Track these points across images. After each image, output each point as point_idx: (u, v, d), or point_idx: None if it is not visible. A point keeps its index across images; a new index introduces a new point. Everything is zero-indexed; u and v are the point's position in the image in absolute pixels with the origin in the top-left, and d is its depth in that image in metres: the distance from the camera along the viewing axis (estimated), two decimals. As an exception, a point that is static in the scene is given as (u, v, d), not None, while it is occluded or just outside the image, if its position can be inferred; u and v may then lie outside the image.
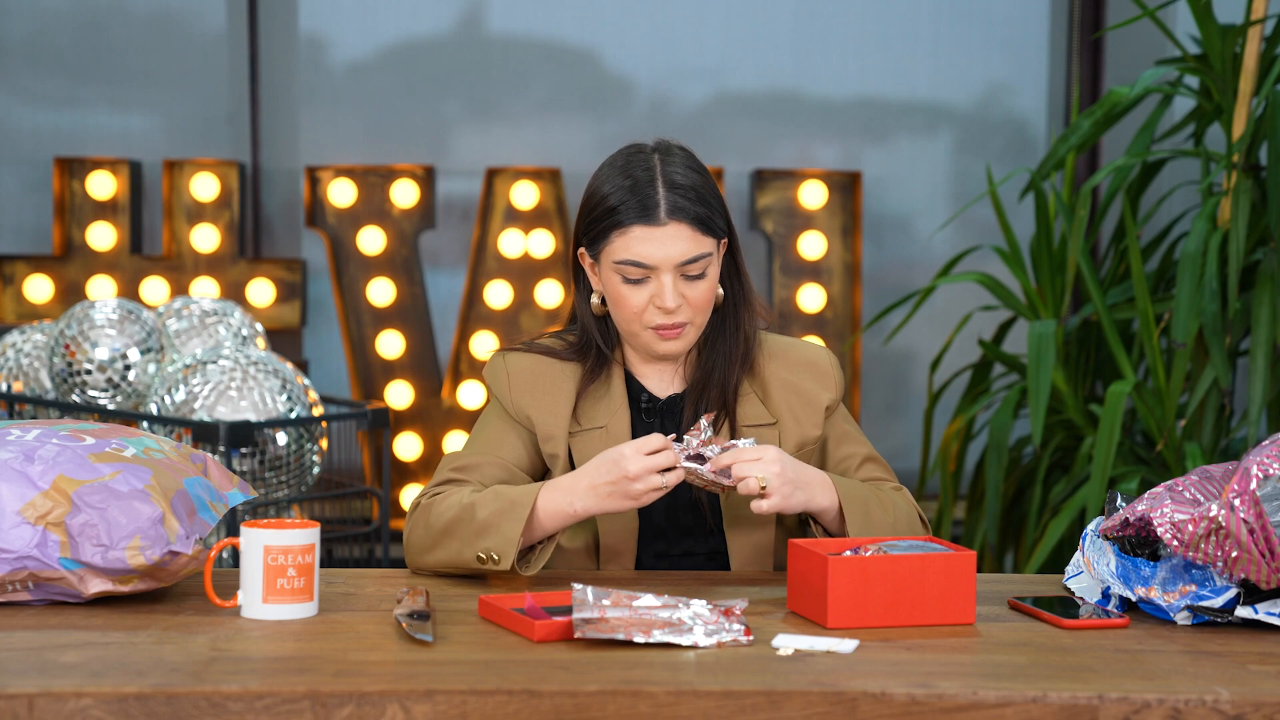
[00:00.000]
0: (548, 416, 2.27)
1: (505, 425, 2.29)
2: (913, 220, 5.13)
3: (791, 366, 2.32)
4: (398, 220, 4.92)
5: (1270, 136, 3.54)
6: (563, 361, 2.30)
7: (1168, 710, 1.64)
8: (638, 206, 2.19)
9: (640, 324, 2.22)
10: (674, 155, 2.24)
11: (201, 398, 3.36)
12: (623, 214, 2.20)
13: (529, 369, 2.30)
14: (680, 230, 2.19)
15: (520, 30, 5.06)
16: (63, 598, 1.98)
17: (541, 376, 2.29)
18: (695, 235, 2.19)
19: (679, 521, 2.27)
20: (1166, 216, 4.43)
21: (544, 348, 2.32)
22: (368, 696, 1.62)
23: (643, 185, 2.20)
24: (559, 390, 2.28)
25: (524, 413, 2.28)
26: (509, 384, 2.29)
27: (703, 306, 2.23)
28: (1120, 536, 2.02)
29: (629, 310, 2.22)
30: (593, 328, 2.30)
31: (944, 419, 4.72)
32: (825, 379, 2.33)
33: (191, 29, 5.03)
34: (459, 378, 4.89)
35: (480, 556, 2.10)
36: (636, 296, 2.21)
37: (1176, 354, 3.55)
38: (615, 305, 2.24)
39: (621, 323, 2.25)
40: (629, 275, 2.20)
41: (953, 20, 5.09)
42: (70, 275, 4.82)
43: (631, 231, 2.19)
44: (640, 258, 2.19)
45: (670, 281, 2.19)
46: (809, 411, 2.30)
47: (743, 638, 1.81)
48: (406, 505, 4.91)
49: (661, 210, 2.18)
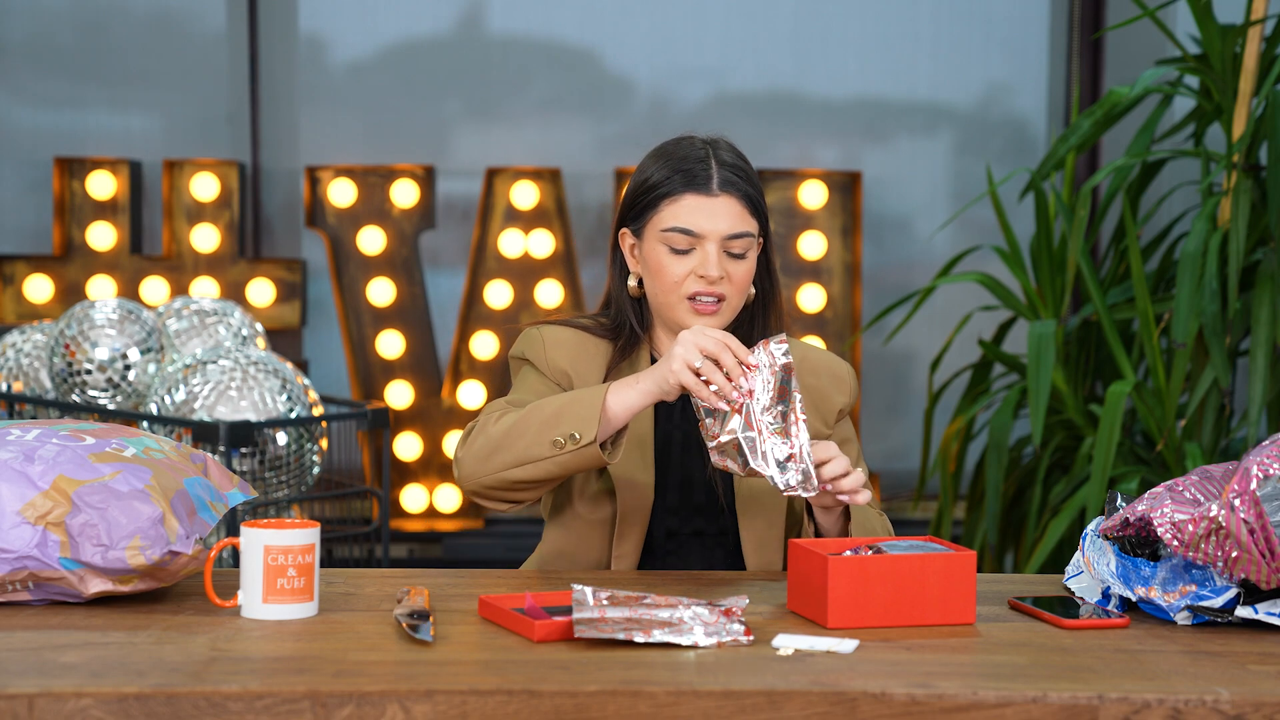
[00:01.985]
0: (582, 382, 2.28)
1: (544, 383, 2.30)
2: (913, 220, 5.13)
3: (810, 369, 2.35)
4: (398, 220, 4.92)
5: (1270, 136, 3.54)
6: (595, 338, 2.32)
7: (1168, 710, 1.64)
8: (691, 177, 2.24)
9: (678, 294, 2.24)
10: (723, 145, 2.30)
11: (201, 398, 3.36)
12: (675, 183, 2.24)
13: (565, 340, 2.32)
14: (731, 204, 2.23)
15: (520, 30, 5.06)
16: (63, 598, 1.98)
17: (576, 348, 2.31)
18: (744, 213, 2.24)
19: (692, 499, 2.29)
20: (1166, 216, 4.43)
21: (578, 324, 2.35)
22: (368, 696, 1.62)
23: (694, 160, 2.25)
24: (592, 362, 2.30)
25: (561, 369, 2.29)
26: (545, 350, 2.31)
27: (741, 287, 2.25)
28: (1120, 536, 2.02)
29: (669, 280, 2.24)
30: (628, 308, 2.32)
31: (944, 419, 4.72)
32: (842, 385, 2.37)
33: (191, 29, 5.03)
34: (459, 378, 4.89)
35: (558, 440, 2.08)
36: (679, 266, 2.23)
37: (1176, 354, 3.55)
38: (656, 275, 2.25)
39: (659, 294, 2.26)
40: (676, 245, 2.23)
41: (953, 20, 5.09)
42: (70, 275, 4.82)
43: (683, 200, 2.23)
44: (689, 225, 2.22)
45: (715, 251, 2.22)
46: (821, 412, 2.33)
47: (743, 638, 1.81)
48: (406, 505, 4.91)
49: (714, 182, 2.23)
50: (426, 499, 4.93)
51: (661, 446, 2.29)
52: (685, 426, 2.30)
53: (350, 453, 3.70)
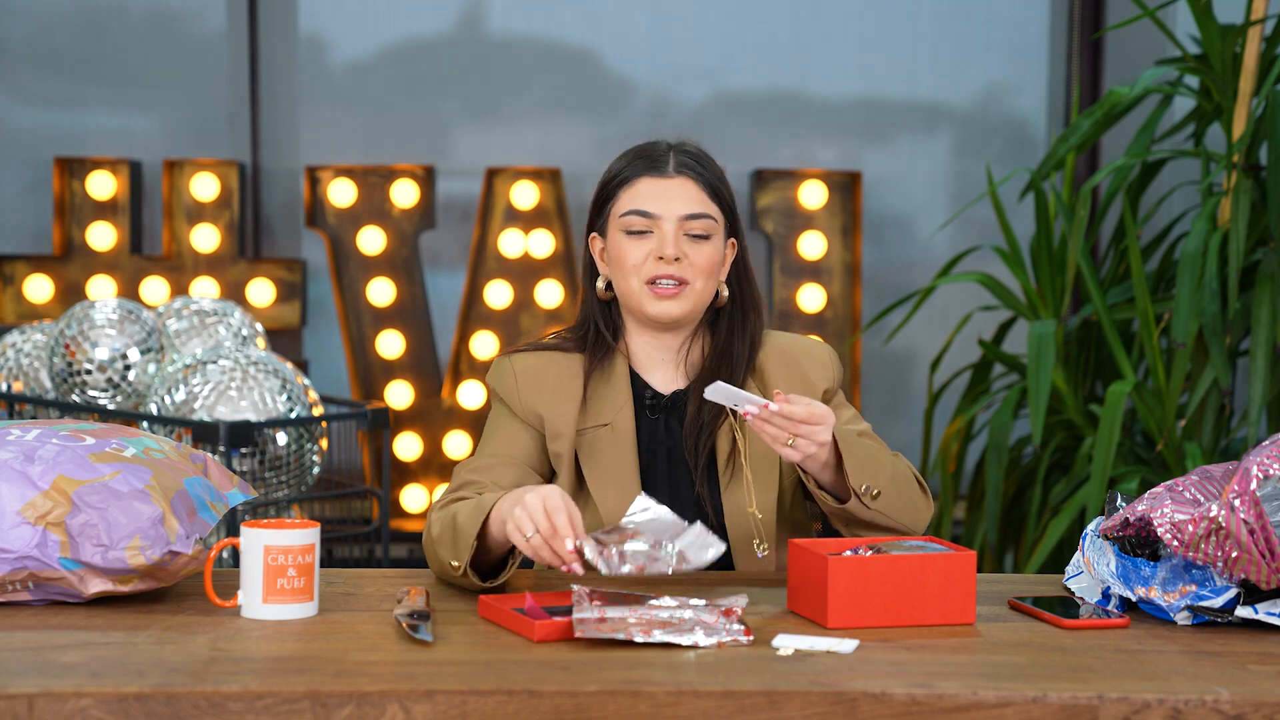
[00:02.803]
0: (557, 414, 2.27)
1: (514, 426, 2.28)
2: (913, 220, 5.13)
3: (790, 359, 2.33)
4: (398, 220, 4.92)
5: (1270, 136, 3.54)
6: (567, 355, 2.31)
7: (1168, 710, 1.64)
8: (647, 162, 2.26)
9: (639, 279, 2.24)
10: (687, 142, 2.32)
11: (201, 398, 3.36)
12: (630, 171, 2.27)
13: (536, 368, 2.30)
14: (687, 186, 2.24)
15: (520, 30, 5.06)
16: (63, 598, 1.98)
17: (548, 374, 2.30)
18: (701, 195, 2.24)
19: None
20: (1166, 216, 4.43)
21: (548, 345, 2.33)
22: (368, 696, 1.62)
23: (652, 149, 2.28)
24: (566, 387, 2.28)
25: (533, 410, 2.28)
26: (516, 385, 2.29)
27: (704, 270, 2.24)
28: (1120, 536, 2.02)
29: (630, 264, 2.24)
30: (598, 313, 2.32)
31: (944, 419, 4.71)
32: (823, 369, 2.34)
33: (191, 29, 5.03)
34: (459, 378, 4.89)
35: (453, 564, 2.05)
36: (638, 250, 2.24)
37: (1176, 354, 3.55)
38: (617, 265, 2.26)
39: (622, 281, 2.26)
40: (633, 227, 2.24)
41: (953, 20, 5.09)
42: (70, 275, 4.82)
43: (638, 184, 2.25)
44: (645, 206, 2.23)
45: (672, 231, 2.22)
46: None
47: (742, 638, 1.81)
48: (406, 505, 4.92)
49: (670, 165, 2.26)
50: (426, 499, 4.93)
51: (646, 467, 2.28)
52: (669, 443, 2.28)
53: (350, 453, 3.70)
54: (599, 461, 2.24)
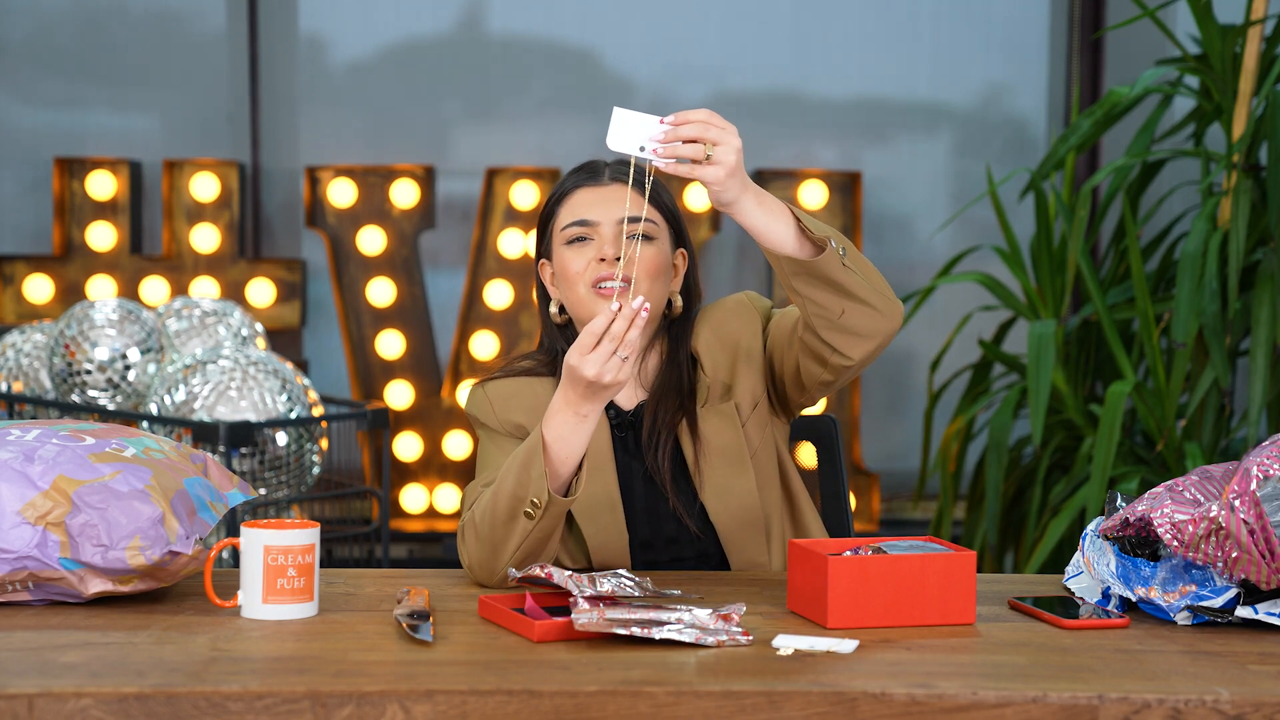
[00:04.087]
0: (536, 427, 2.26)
1: (504, 443, 2.28)
2: (913, 220, 5.13)
3: (714, 326, 2.30)
4: (398, 220, 4.92)
5: (1270, 136, 3.54)
6: (538, 379, 2.31)
7: (1168, 710, 1.64)
8: (584, 174, 2.26)
9: (584, 284, 2.21)
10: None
11: (201, 398, 3.36)
12: (568, 184, 2.26)
13: (510, 392, 2.30)
14: (622, 191, 2.22)
15: (520, 30, 5.07)
16: (63, 598, 1.98)
17: (523, 397, 2.29)
18: (637, 198, 2.19)
19: (664, 531, 2.27)
20: (1166, 216, 4.43)
21: (518, 370, 2.33)
22: (368, 696, 1.62)
23: (590, 164, 2.28)
24: (540, 408, 2.26)
25: (514, 423, 2.28)
26: (493, 408, 2.29)
27: (649, 271, 2.20)
28: (1120, 536, 2.02)
29: (572, 272, 2.22)
30: (556, 337, 2.31)
31: (944, 419, 4.72)
32: (746, 313, 2.31)
33: (191, 29, 5.03)
34: (459, 378, 4.89)
35: (529, 513, 2.07)
36: (580, 258, 2.22)
37: (1176, 354, 3.55)
38: (563, 278, 2.24)
39: (570, 293, 2.24)
40: (572, 235, 2.22)
41: (953, 20, 5.09)
42: (70, 275, 4.82)
43: (575, 195, 2.25)
44: (583, 215, 2.22)
45: (611, 234, 2.21)
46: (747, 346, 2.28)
47: (741, 638, 1.80)
48: (406, 505, 4.91)
49: (605, 175, 2.25)
50: (426, 499, 4.93)
51: (624, 486, 2.27)
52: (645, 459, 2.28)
53: (350, 453, 3.70)
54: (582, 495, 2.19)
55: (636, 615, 1.81)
